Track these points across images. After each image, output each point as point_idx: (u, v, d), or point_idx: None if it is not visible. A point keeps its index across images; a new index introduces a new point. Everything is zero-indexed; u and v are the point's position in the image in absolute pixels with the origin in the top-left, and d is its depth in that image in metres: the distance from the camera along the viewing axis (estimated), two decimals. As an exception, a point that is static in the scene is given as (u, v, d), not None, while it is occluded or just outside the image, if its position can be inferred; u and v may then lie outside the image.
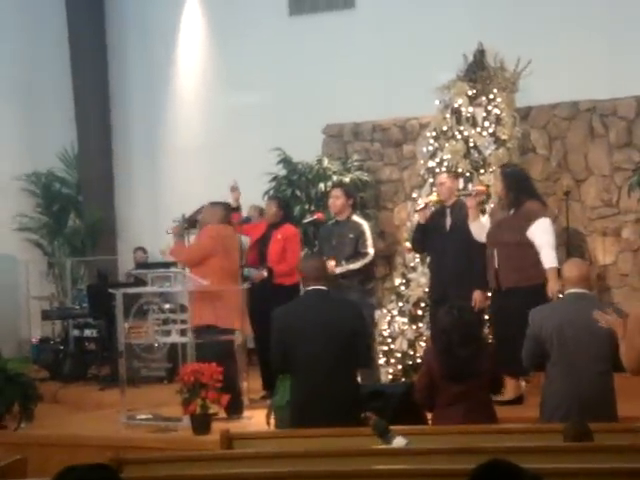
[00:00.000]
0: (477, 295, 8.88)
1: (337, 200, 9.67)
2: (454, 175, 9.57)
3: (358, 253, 9.46)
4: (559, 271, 8.06)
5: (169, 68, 14.59)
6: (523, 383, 8.82)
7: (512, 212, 8.78)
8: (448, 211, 9.25)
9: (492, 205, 9.50)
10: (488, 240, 8.91)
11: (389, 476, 4.89)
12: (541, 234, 8.68)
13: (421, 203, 9.59)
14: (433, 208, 9.44)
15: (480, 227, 9.00)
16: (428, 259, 9.67)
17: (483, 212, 9.37)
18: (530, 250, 8.63)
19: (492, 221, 9.01)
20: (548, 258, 8.62)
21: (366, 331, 7.48)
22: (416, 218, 9.59)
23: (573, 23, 11.24)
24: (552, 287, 8.46)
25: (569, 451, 5.26)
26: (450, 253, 9.06)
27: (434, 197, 9.56)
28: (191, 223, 11.60)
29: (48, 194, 14.94)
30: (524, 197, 8.81)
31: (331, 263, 9.19)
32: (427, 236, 9.33)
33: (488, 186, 9.68)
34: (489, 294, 8.99)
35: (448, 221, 9.23)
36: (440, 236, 9.20)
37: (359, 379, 7.58)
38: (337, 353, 6.82)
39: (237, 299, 9.30)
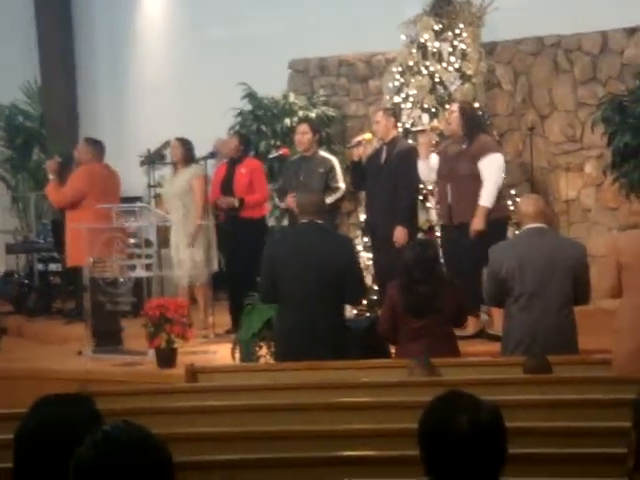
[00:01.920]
0: (397, 232, 8.89)
1: (305, 135, 9.65)
2: (389, 112, 9.55)
3: (329, 188, 9.47)
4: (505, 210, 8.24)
5: (134, 2, 14.42)
6: (485, 316, 8.92)
7: (465, 146, 8.86)
8: (384, 149, 9.29)
9: (443, 144, 9.49)
10: (440, 174, 8.99)
11: (352, 408, 4.96)
12: (489, 168, 8.75)
13: (354, 141, 9.63)
14: (372, 146, 9.52)
15: (428, 166, 9.04)
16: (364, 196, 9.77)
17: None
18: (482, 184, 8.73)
19: (442, 158, 9.05)
20: (485, 195, 8.70)
21: (358, 267, 7.50)
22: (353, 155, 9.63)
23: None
24: (477, 223, 8.60)
25: (528, 383, 5.36)
26: (380, 190, 9.11)
27: (368, 135, 9.60)
28: (158, 157, 11.61)
29: (11, 127, 14.79)
30: (478, 131, 8.91)
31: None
32: (365, 174, 9.40)
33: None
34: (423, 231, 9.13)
35: (383, 158, 9.26)
36: (374, 173, 9.25)
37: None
38: (327, 287, 6.86)
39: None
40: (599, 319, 7.41)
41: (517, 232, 7.60)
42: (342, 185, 9.57)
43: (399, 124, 9.76)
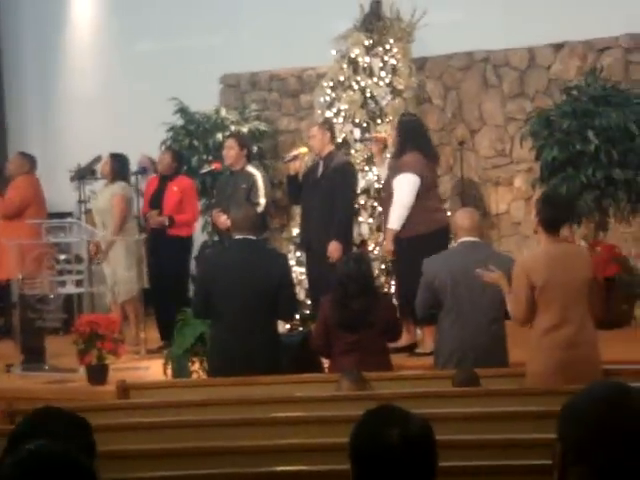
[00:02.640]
0: (332, 246, 8.84)
1: (230, 150, 9.64)
2: (326, 126, 9.57)
3: (250, 203, 9.46)
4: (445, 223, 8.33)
5: (62, 16, 14.29)
6: (418, 330, 8.96)
7: (392, 162, 9.04)
8: (321, 163, 9.33)
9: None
10: (383, 187, 9.10)
11: (285, 423, 4.96)
12: (397, 189, 8.81)
13: (290, 155, 9.67)
14: (308, 160, 9.59)
15: (384, 171, 9.30)
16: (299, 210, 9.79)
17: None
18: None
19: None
20: (392, 216, 8.77)
21: (291, 283, 7.49)
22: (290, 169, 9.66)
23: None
24: (387, 246, 8.72)
25: (457, 396, 5.40)
26: (316, 204, 9.13)
27: (304, 149, 9.63)
28: (89, 172, 11.54)
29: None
30: (408, 147, 8.92)
31: (222, 217, 9.24)
32: (301, 188, 9.42)
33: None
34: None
35: (319, 173, 9.29)
36: (310, 187, 9.27)
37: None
38: (261, 303, 6.85)
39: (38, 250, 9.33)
40: (529, 332, 7.48)
41: (451, 245, 7.68)
42: (262, 201, 9.49)
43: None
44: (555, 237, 6.05)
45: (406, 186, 8.77)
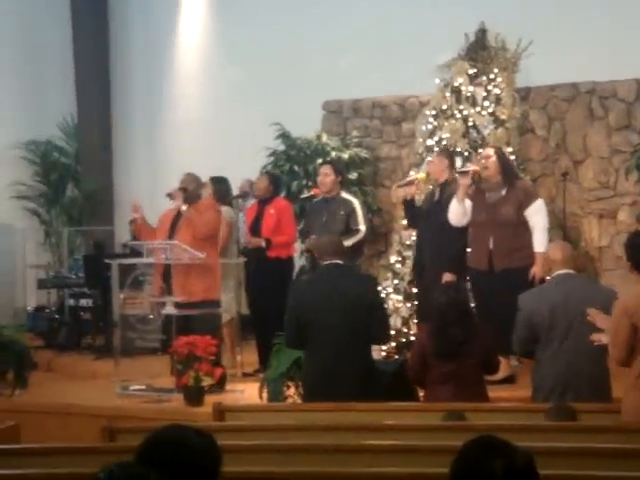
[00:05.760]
0: (447, 277, 8.72)
1: (327, 177, 9.67)
2: (445, 153, 9.53)
3: (350, 230, 9.47)
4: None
5: (170, 40, 14.54)
6: (514, 362, 8.85)
7: (504, 192, 8.80)
8: (438, 189, 9.29)
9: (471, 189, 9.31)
10: (477, 221, 8.87)
11: (378, 452, 4.92)
12: (536, 215, 8.72)
13: (406, 180, 9.64)
14: (425, 185, 9.54)
15: (462, 209, 8.95)
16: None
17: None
18: (525, 229, 8.68)
19: (479, 204, 8.90)
20: (540, 241, 8.64)
21: (383, 305, 7.51)
22: (400, 194, 9.64)
23: (575, 3, 11.21)
24: (539, 271, 8.49)
25: (552, 430, 5.31)
26: (431, 231, 9.08)
27: (422, 174, 9.60)
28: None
29: (46, 163, 14.93)
30: (515, 177, 8.91)
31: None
32: (418, 213, 9.38)
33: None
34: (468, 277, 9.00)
35: (435, 198, 9.26)
36: (426, 214, 9.24)
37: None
38: (353, 327, 6.84)
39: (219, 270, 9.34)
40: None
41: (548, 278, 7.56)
42: (362, 227, 9.54)
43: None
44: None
45: (544, 210, 8.82)
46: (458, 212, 8.96)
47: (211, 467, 3.08)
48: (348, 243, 9.20)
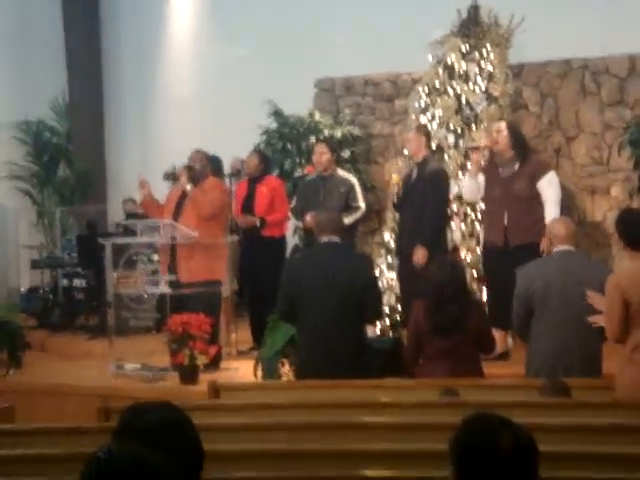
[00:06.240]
0: (417, 252, 8.76)
1: (323, 155, 9.64)
2: (422, 130, 9.46)
3: (350, 207, 9.46)
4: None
5: (162, 19, 14.50)
6: (510, 340, 8.85)
7: (517, 167, 8.74)
8: (415, 168, 9.24)
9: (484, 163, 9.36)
10: (491, 196, 8.81)
11: (374, 428, 4.93)
12: (549, 187, 8.62)
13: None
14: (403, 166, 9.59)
15: (476, 185, 8.93)
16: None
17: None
18: (538, 203, 8.59)
19: (492, 179, 8.86)
20: (551, 214, 8.47)
21: (376, 283, 7.51)
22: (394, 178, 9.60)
23: (568, -20, 11.19)
24: (548, 243, 8.43)
25: (546, 406, 5.32)
26: (409, 209, 9.06)
27: (395, 176, 9.57)
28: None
29: (38, 143, 14.89)
30: (528, 151, 8.85)
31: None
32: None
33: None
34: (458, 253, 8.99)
35: (413, 177, 9.22)
36: (404, 194, 9.21)
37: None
38: (347, 306, 6.84)
39: (224, 250, 9.30)
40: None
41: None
42: (362, 204, 9.55)
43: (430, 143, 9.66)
44: (642, 252, 5.90)
45: (555, 184, 8.67)
46: (472, 188, 8.95)
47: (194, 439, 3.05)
48: (348, 220, 9.17)
